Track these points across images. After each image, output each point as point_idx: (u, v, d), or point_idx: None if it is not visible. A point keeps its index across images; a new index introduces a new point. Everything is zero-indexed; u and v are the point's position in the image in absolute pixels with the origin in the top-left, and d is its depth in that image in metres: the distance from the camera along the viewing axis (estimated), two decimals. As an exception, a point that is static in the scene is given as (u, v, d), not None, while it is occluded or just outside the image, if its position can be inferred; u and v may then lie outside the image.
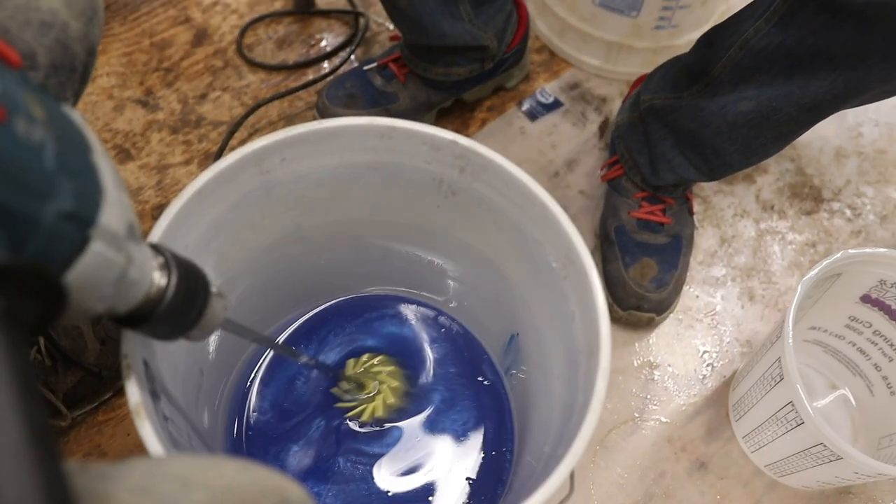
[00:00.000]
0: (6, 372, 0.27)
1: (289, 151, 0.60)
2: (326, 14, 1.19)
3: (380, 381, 0.76)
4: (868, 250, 0.81)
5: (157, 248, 0.43)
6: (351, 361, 0.78)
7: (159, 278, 0.42)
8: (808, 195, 1.11)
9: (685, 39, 1.11)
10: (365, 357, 0.78)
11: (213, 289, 0.47)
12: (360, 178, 0.66)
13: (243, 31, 1.16)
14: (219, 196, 0.59)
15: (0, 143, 0.28)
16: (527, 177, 0.60)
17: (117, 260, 0.36)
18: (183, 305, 0.43)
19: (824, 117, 0.75)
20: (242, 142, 1.06)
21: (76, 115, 0.36)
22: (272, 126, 1.07)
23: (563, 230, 0.58)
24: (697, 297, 0.99)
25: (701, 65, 0.81)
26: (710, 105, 0.80)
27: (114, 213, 0.35)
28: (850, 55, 0.66)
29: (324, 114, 1.02)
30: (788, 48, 0.70)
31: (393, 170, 0.64)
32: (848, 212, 1.10)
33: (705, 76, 0.80)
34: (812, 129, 0.77)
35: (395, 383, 0.76)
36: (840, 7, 0.63)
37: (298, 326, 0.81)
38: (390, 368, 0.77)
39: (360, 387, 0.75)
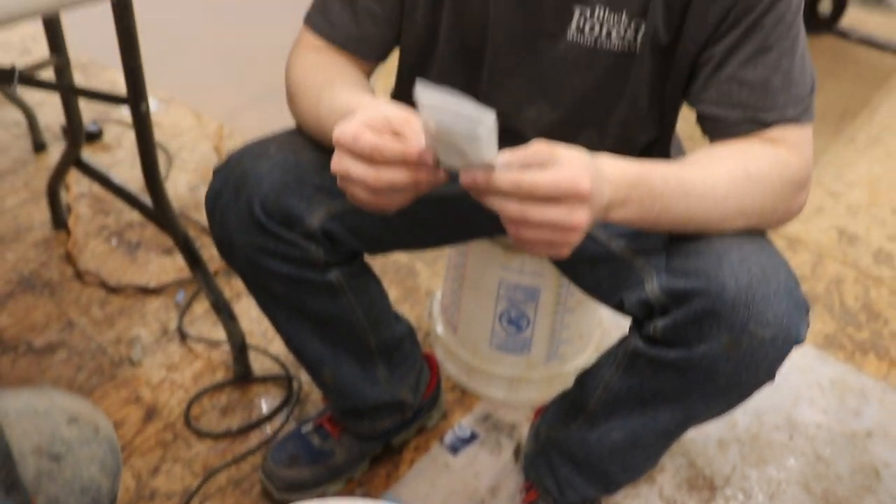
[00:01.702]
0: None
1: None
2: (263, 380, 1.36)
3: None
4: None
5: None
6: None
7: None
8: (703, 485, 1.26)
9: (572, 366, 1.32)
10: None
11: None
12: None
13: (190, 405, 1.30)
14: None
15: None
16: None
17: None
18: None
19: (678, 438, 0.93)
20: (195, 510, 1.15)
21: None
22: (221, 492, 1.18)
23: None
24: None
25: (580, 401, 0.99)
26: (591, 436, 0.97)
27: None
28: (678, 393, 0.85)
29: (270, 476, 1.14)
30: (636, 390, 0.89)
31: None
32: (740, 495, 1.26)
33: (584, 411, 0.98)
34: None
35: None
36: (660, 361, 0.84)
37: None
38: None
39: None
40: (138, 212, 1.38)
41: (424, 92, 0.63)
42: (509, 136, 0.98)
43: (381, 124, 0.69)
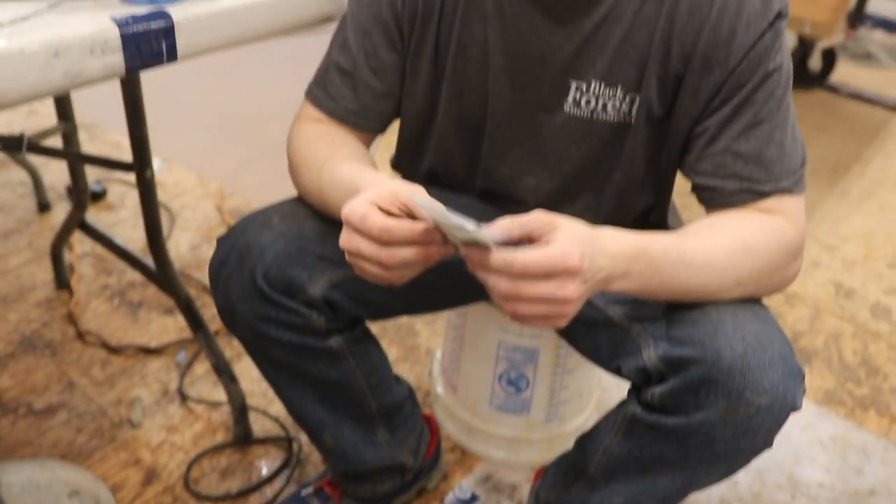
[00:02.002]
0: None
1: None
2: (263, 442, 1.36)
3: None
4: None
5: None
6: None
7: None
8: (706, 547, 1.25)
9: (572, 426, 1.32)
10: None
11: None
12: None
13: (189, 467, 1.30)
14: None
15: None
16: None
17: None
18: None
19: (679, 503, 0.93)
20: (194, 577, 1.14)
21: None
22: (221, 557, 1.17)
23: None
24: None
25: (580, 464, 0.99)
26: (591, 500, 0.97)
27: None
28: (678, 459, 0.86)
29: (270, 542, 1.13)
30: (635, 455, 0.89)
31: None
32: (743, 557, 1.25)
33: (584, 474, 0.98)
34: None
35: None
36: (659, 428, 0.84)
37: None
38: None
39: None
40: (141, 273, 1.39)
41: (414, 196, 0.68)
42: (509, 203, 1.01)
43: (389, 200, 0.71)
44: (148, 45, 0.82)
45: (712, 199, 0.88)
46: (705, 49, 0.83)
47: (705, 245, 0.80)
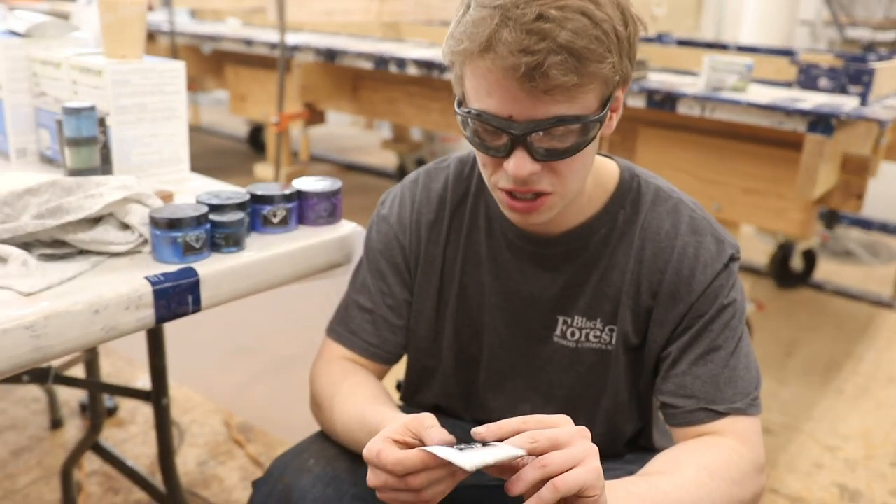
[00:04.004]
0: None
1: None
2: None
3: None
4: None
5: None
6: None
7: None
8: None
9: None
10: None
11: None
12: None
13: None
14: None
15: None
16: None
17: None
18: None
19: None
20: None
21: None
22: None
23: None
24: None
25: None
26: None
27: None
28: None
29: None
30: None
31: None
32: None
33: None
34: None
35: None
36: None
37: None
38: None
39: None
40: (149, 496, 1.42)
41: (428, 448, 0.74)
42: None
43: (401, 432, 0.77)
44: (176, 299, 0.92)
45: (674, 417, 0.95)
46: (669, 286, 0.94)
47: (686, 489, 0.83)
